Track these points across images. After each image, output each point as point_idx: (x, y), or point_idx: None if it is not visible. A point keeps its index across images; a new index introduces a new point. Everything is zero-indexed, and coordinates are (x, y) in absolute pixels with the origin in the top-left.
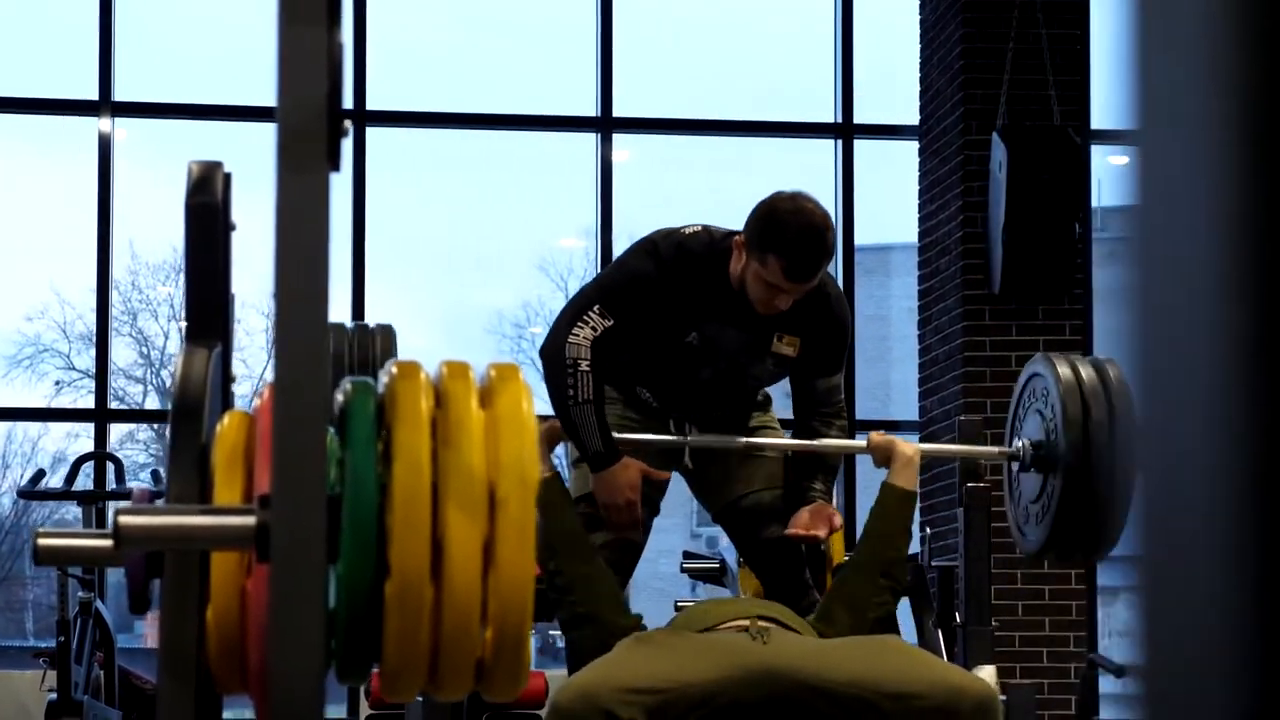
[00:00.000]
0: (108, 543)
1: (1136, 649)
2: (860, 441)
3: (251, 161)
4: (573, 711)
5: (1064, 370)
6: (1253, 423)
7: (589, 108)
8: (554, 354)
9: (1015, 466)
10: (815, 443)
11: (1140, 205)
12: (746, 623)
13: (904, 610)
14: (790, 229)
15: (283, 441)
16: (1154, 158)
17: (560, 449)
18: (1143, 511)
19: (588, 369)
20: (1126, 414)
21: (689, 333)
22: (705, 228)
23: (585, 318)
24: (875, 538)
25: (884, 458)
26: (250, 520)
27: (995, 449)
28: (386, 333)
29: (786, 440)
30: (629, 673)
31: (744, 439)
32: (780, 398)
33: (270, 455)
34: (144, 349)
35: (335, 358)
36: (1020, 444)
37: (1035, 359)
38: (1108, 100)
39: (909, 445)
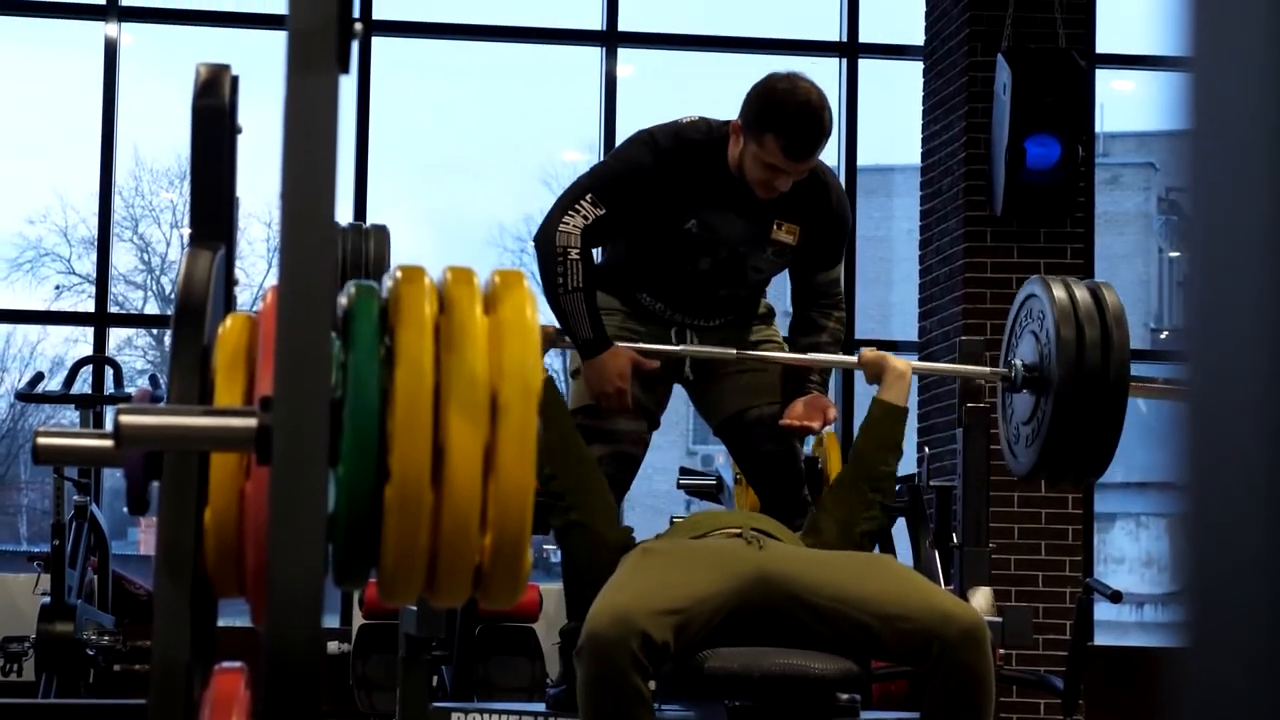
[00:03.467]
0: (108, 442)
1: (1177, 578)
2: (852, 358)
3: (254, 70)
4: (615, 638)
5: (1059, 292)
6: None
7: (594, 21)
8: (545, 243)
9: (1007, 387)
10: (809, 356)
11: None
12: (739, 530)
13: (900, 531)
14: (788, 107)
15: (286, 343)
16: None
17: (558, 358)
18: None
19: (577, 257)
20: (1120, 335)
21: (688, 220)
22: (703, 117)
23: (576, 207)
24: (864, 452)
25: (876, 374)
26: (252, 422)
27: (988, 369)
28: (381, 233)
29: (781, 354)
30: (654, 592)
31: (738, 351)
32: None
33: (273, 357)
34: (145, 255)
35: None
36: (1013, 364)
37: (1031, 280)
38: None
39: (901, 361)
